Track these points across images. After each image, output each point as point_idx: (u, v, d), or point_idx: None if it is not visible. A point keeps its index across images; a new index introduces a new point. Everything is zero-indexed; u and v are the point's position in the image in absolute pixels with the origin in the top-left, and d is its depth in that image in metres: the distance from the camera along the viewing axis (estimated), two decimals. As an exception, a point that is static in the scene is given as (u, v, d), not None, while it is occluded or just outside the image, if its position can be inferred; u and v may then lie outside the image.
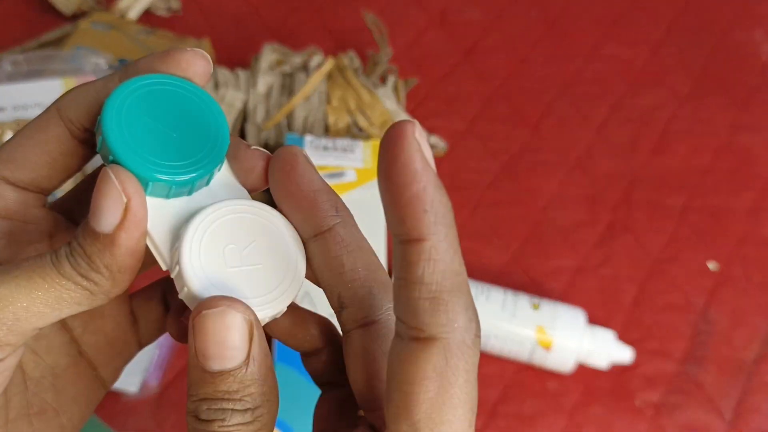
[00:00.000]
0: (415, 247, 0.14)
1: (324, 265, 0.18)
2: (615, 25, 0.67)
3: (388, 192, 0.15)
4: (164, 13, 0.65)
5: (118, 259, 0.17)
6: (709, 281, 0.53)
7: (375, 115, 0.55)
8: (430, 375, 0.14)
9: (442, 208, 0.15)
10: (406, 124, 0.14)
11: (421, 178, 0.14)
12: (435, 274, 0.14)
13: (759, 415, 0.48)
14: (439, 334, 0.14)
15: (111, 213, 0.17)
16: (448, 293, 0.14)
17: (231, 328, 0.16)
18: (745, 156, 0.60)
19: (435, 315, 0.14)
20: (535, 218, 0.55)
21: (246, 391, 0.16)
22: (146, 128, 0.18)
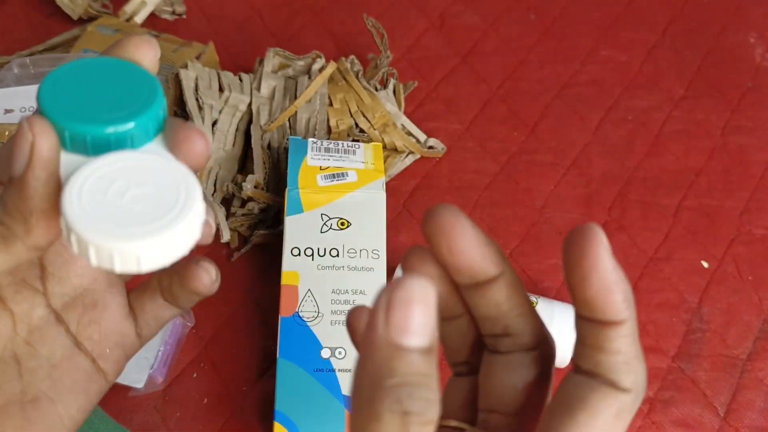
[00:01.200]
0: (616, 327, 0.18)
1: (493, 306, 0.20)
2: (611, 28, 0.69)
3: (589, 291, 0.18)
4: (169, 17, 0.66)
5: (28, 201, 0.18)
6: (703, 280, 0.54)
7: (376, 117, 0.56)
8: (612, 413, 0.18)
9: (630, 294, 0.18)
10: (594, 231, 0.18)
11: (618, 280, 0.18)
12: (630, 345, 0.19)
13: (752, 411, 0.49)
14: (630, 387, 0.18)
15: (20, 155, 0.18)
16: (637, 359, 0.19)
17: (429, 304, 0.16)
18: (738, 157, 0.61)
19: (629, 374, 0.18)
20: (533, 218, 0.56)
21: (435, 379, 0.16)
22: (77, 92, 0.19)
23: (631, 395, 0.18)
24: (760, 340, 0.51)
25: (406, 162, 0.58)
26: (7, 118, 0.51)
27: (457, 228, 0.19)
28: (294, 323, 0.44)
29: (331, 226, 0.47)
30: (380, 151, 0.50)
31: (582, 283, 0.18)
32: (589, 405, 0.18)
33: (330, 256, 0.46)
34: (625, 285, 0.18)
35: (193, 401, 0.47)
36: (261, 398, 0.47)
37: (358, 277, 0.46)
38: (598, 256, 0.18)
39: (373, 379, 0.15)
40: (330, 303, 0.45)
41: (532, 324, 0.21)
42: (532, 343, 0.21)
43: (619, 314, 0.18)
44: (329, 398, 0.43)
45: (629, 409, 0.19)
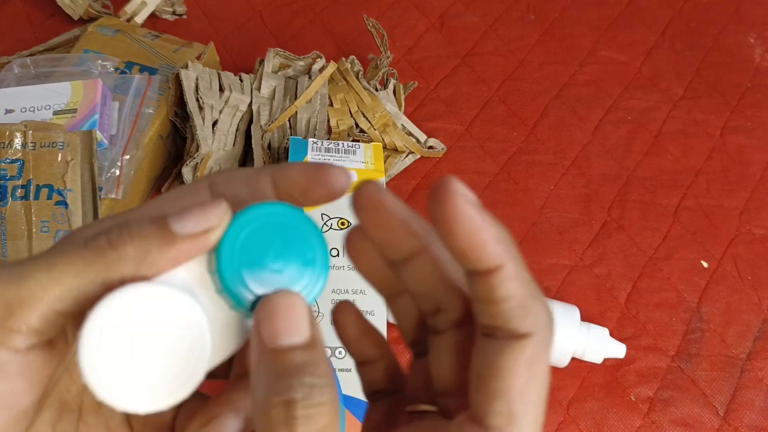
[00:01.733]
0: (496, 274, 0.17)
1: (422, 281, 0.20)
2: (610, 29, 0.69)
3: (457, 242, 0.17)
4: (170, 18, 0.66)
5: (161, 251, 0.18)
6: (703, 279, 0.54)
7: (376, 117, 0.56)
8: (524, 363, 0.17)
9: (503, 236, 0.18)
10: (447, 181, 0.17)
11: (482, 224, 0.17)
12: (518, 288, 0.18)
13: (751, 410, 0.49)
14: (531, 330, 0.18)
15: (196, 223, 0.18)
16: (531, 299, 0.18)
17: (295, 307, 0.18)
18: (738, 157, 0.61)
19: (526, 318, 0.17)
20: (532, 218, 0.56)
21: (318, 366, 0.17)
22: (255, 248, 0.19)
23: (536, 338, 0.18)
24: (760, 339, 0.52)
25: (406, 162, 0.58)
26: (8, 118, 0.51)
27: (376, 203, 0.19)
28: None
29: (332, 225, 0.47)
30: (380, 151, 0.51)
31: (448, 237, 0.17)
32: (499, 369, 0.17)
33: (330, 256, 0.46)
34: (494, 229, 0.17)
35: (194, 400, 0.47)
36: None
37: (358, 277, 0.46)
38: (455, 206, 0.17)
39: (261, 389, 0.17)
40: (330, 303, 0.45)
41: (460, 297, 0.20)
42: (463, 318, 0.20)
43: (494, 259, 0.17)
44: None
45: (540, 352, 0.18)
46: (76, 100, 0.51)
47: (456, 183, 0.17)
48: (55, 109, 0.51)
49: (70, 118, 0.51)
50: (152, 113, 0.53)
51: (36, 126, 0.49)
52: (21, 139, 0.49)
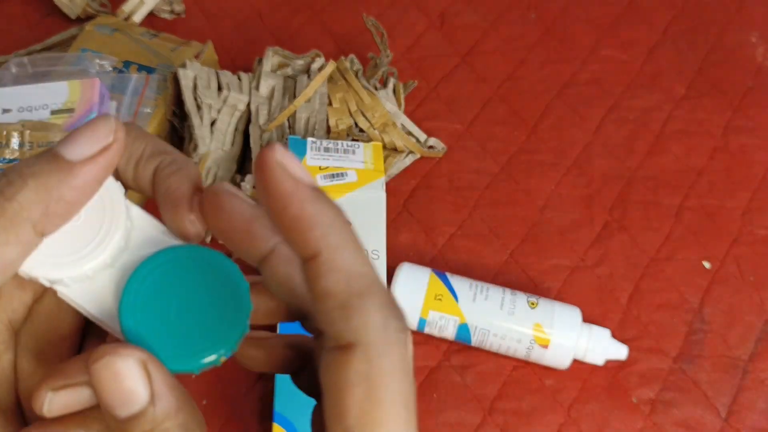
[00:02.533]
0: (312, 263, 0.15)
1: (277, 285, 0.18)
2: (612, 27, 0.68)
3: (272, 218, 0.15)
4: (168, 17, 0.65)
5: (65, 189, 0.16)
6: (705, 280, 0.54)
7: (375, 116, 0.56)
8: (355, 380, 0.14)
9: (327, 217, 0.15)
10: (266, 150, 0.15)
11: (294, 199, 0.14)
12: (339, 283, 0.14)
13: (754, 412, 0.48)
14: (356, 338, 0.14)
15: (89, 143, 0.16)
16: (357, 297, 0.15)
17: (122, 376, 0.16)
18: (740, 157, 0.61)
19: (348, 321, 0.14)
20: (533, 218, 0.56)
21: (161, 428, 0.16)
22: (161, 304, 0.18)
23: (366, 347, 0.14)
24: (762, 340, 0.51)
25: (406, 162, 0.57)
26: (5, 117, 0.51)
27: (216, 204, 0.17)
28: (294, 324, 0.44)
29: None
30: (380, 150, 0.50)
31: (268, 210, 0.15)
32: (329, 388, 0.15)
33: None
34: (316, 206, 0.14)
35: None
36: (260, 399, 0.47)
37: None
38: (268, 174, 0.14)
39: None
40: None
41: None
42: None
43: (310, 242, 0.14)
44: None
45: (376, 363, 0.14)
46: (73, 100, 0.51)
47: (278, 152, 0.15)
48: (53, 109, 0.51)
49: (67, 118, 0.50)
50: (150, 112, 0.53)
51: (33, 125, 0.49)
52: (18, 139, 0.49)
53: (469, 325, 0.47)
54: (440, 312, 0.47)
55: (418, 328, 0.48)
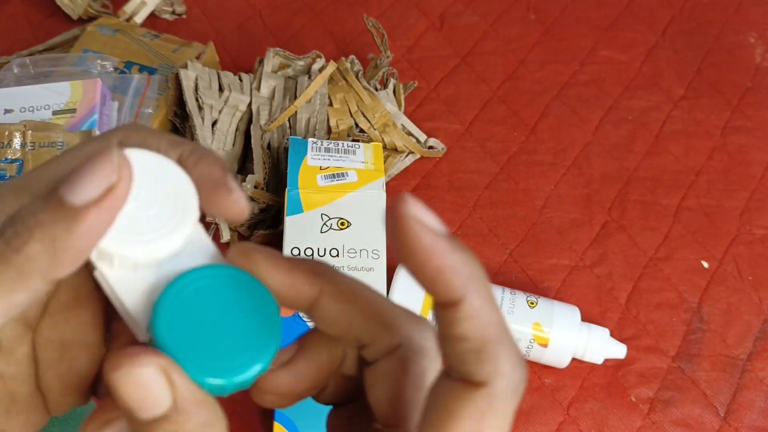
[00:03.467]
0: (453, 309, 0.15)
1: (333, 321, 0.19)
2: (611, 28, 0.69)
3: (412, 268, 0.15)
4: (169, 17, 0.66)
5: (72, 236, 0.15)
6: (703, 279, 0.54)
7: (376, 117, 0.56)
8: (472, 413, 0.15)
9: (468, 267, 0.15)
10: (398, 205, 0.15)
11: (435, 251, 0.15)
12: (477, 329, 0.15)
13: (752, 411, 0.49)
14: (486, 380, 0.15)
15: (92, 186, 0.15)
16: (492, 344, 0.16)
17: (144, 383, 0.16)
18: (738, 157, 0.61)
19: (481, 364, 0.15)
20: (533, 218, 0.56)
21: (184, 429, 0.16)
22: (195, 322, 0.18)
23: (491, 390, 0.15)
24: (760, 340, 0.51)
25: (406, 162, 0.58)
26: (7, 117, 0.51)
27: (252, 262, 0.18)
28: (294, 323, 0.44)
29: (331, 226, 0.47)
30: (380, 151, 0.50)
31: (406, 264, 0.15)
32: (445, 413, 0.16)
33: (330, 256, 0.46)
34: (456, 257, 0.15)
35: (193, 401, 0.47)
36: (261, 398, 0.47)
37: (358, 277, 0.46)
38: (406, 230, 0.15)
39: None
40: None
41: (379, 325, 0.19)
42: (392, 344, 0.19)
43: (450, 292, 0.15)
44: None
45: (496, 405, 0.16)
46: (75, 100, 0.51)
47: (409, 204, 0.15)
48: (55, 109, 0.51)
49: (69, 118, 0.51)
50: (151, 113, 0.53)
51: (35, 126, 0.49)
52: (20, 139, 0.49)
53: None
54: (440, 311, 0.47)
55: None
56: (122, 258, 0.17)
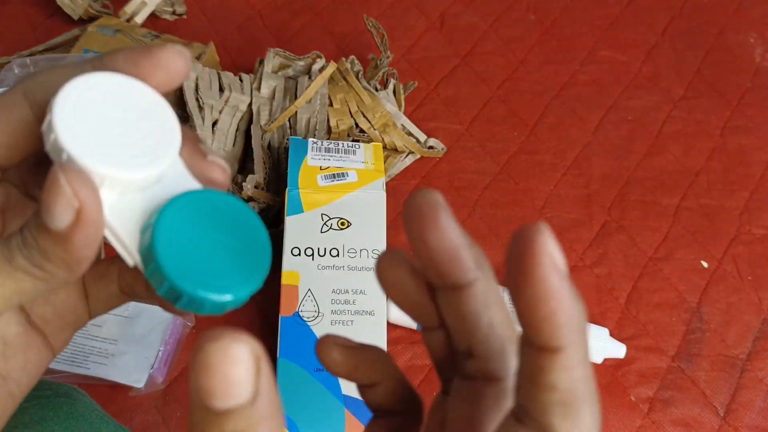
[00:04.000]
0: (550, 355, 0.15)
1: (460, 316, 0.18)
2: (611, 28, 0.69)
3: (523, 303, 0.15)
4: (169, 18, 0.66)
5: (72, 254, 0.17)
6: (703, 279, 0.54)
7: (376, 117, 0.56)
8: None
9: (577, 318, 0.15)
10: (536, 233, 0.14)
11: (559, 293, 0.14)
12: (569, 381, 0.15)
13: (752, 411, 0.49)
14: None
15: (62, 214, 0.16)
16: (579, 400, 0.15)
17: (237, 362, 0.15)
18: (738, 157, 0.61)
19: (565, 419, 0.15)
20: (532, 218, 0.56)
21: (255, 429, 0.15)
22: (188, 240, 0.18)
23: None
24: (760, 339, 0.52)
25: (406, 162, 0.58)
26: (8, 118, 0.51)
27: (430, 217, 0.16)
28: (294, 323, 0.44)
29: (332, 226, 0.47)
30: (380, 151, 0.51)
31: (516, 292, 0.15)
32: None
33: (330, 256, 0.46)
34: (572, 305, 0.14)
35: (194, 401, 0.47)
36: (261, 398, 0.47)
37: (358, 277, 0.46)
38: (536, 262, 0.14)
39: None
40: (330, 303, 0.45)
41: (497, 350, 0.18)
42: (495, 372, 0.18)
43: (556, 339, 0.14)
44: (329, 398, 0.43)
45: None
46: (75, 100, 0.51)
47: (546, 237, 0.14)
48: (55, 109, 0.51)
49: None
50: (152, 113, 0.53)
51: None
52: (21, 139, 0.49)
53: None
54: (440, 311, 0.47)
55: (417, 327, 0.48)
56: (113, 181, 0.18)
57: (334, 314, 0.45)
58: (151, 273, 0.18)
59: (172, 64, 0.19)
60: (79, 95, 0.18)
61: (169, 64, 0.19)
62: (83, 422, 0.34)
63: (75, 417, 0.34)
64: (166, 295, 0.18)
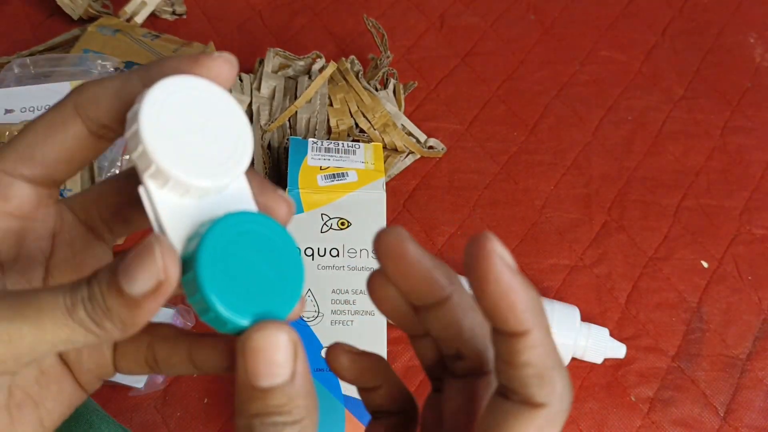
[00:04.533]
0: (520, 339, 0.17)
1: (444, 326, 0.20)
2: (611, 28, 0.69)
3: (487, 301, 0.17)
4: (169, 18, 0.66)
5: (135, 318, 0.17)
6: (703, 279, 0.54)
7: (376, 117, 0.56)
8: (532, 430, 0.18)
9: (534, 302, 0.17)
10: (485, 240, 0.17)
11: (514, 286, 0.17)
12: (539, 357, 0.17)
13: (752, 411, 0.49)
14: (545, 401, 0.18)
15: (145, 282, 0.17)
16: (550, 369, 0.18)
17: (278, 347, 0.18)
18: (738, 157, 0.61)
19: (542, 387, 0.18)
20: (532, 218, 0.56)
21: (293, 404, 0.18)
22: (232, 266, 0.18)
23: (549, 409, 0.18)
24: (760, 339, 0.52)
25: (406, 162, 0.58)
26: (8, 118, 0.51)
27: (398, 252, 0.19)
28: (294, 323, 0.44)
29: (332, 226, 0.47)
30: (380, 151, 0.51)
31: (480, 294, 0.17)
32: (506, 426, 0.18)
33: (330, 256, 0.46)
34: (526, 293, 0.17)
35: (194, 401, 0.47)
36: (261, 398, 0.47)
37: (358, 277, 0.46)
38: (490, 266, 0.17)
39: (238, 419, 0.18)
40: (330, 303, 0.45)
41: (481, 348, 0.20)
42: (483, 368, 0.20)
43: (521, 324, 0.17)
44: (329, 398, 0.43)
45: (551, 424, 0.18)
46: (75, 100, 0.51)
47: (493, 242, 0.17)
48: (55, 109, 0.51)
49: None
50: (152, 113, 0.53)
51: (36, 126, 0.49)
52: (21, 139, 0.49)
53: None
54: (440, 311, 0.47)
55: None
56: (178, 183, 0.18)
57: (334, 314, 0.45)
58: (187, 281, 0.18)
59: (222, 73, 0.19)
60: (166, 97, 0.18)
61: (220, 73, 0.19)
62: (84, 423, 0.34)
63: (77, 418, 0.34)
64: (196, 305, 0.18)
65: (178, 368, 0.22)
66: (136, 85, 0.19)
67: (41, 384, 0.21)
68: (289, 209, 0.21)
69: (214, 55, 0.20)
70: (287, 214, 0.21)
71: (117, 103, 0.19)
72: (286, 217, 0.21)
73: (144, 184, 0.18)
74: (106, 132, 0.20)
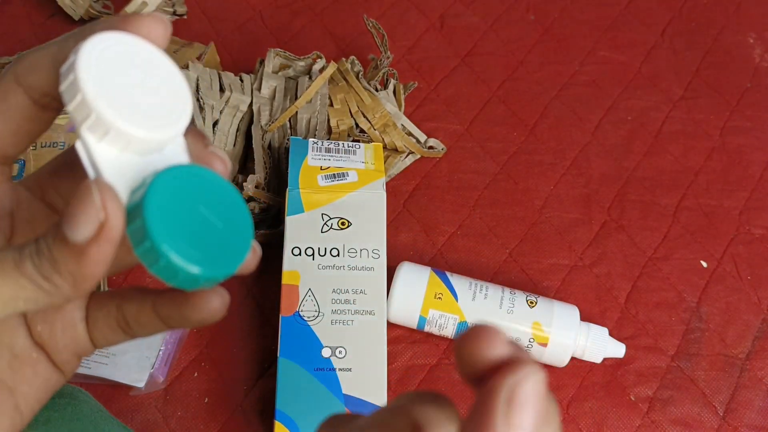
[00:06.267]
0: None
1: None
2: (610, 29, 0.69)
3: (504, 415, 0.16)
4: (170, 18, 0.66)
5: (84, 269, 0.17)
6: (702, 279, 0.54)
7: (376, 117, 0.56)
8: None
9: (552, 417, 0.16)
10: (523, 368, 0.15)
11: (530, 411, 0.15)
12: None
13: (751, 410, 0.49)
14: None
15: (86, 226, 0.17)
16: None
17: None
18: (737, 157, 0.61)
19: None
20: (532, 218, 0.56)
21: None
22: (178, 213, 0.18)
23: None
24: (759, 339, 0.52)
25: (406, 162, 0.58)
26: (9, 118, 0.51)
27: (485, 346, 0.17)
28: (294, 323, 0.45)
29: (332, 225, 0.47)
30: (380, 151, 0.51)
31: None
32: None
33: (330, 256, 0.46)
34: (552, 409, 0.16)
35: (194, 400, 0.47)
36: (262, 397, 0.48)
37: (358, 276, 0.46)
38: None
39: None
40: (330, 302, 0.45)
41: None
42: None
43: None
44: (330, 397, 0.43)
45: None
46: (76, 101, 0.51)
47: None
48: (56, 110, 0.51)
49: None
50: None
51: (37, 126, 0.49)
52: (22, 140, 0.49)
53: (469, 323, 0.47)
54: (440, 311, 0.47)
55: (417, 326, 0.49)
56: (119, 134, 0.18)
57: (335, 314, 0.45)
58: (134, 230, 0.18)
59: (154, 31, 0.19)
60: (102, 50, 0.18)
61: (152, 31, 0.19)
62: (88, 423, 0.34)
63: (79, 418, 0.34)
64: (144, 256, 0.18)
65: (148, 327, 0.22)
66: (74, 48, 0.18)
67: (14, 368, 0.20)
68: (224, 166, 0.20)
69: (146, 13, 0.19)
70: (223, 172, 0.20)
71: (56, 68, 0.19)
72: (222, 172, 0.20)
73: (81, 137, 0.18)
74: (50, 101, 0.19)
